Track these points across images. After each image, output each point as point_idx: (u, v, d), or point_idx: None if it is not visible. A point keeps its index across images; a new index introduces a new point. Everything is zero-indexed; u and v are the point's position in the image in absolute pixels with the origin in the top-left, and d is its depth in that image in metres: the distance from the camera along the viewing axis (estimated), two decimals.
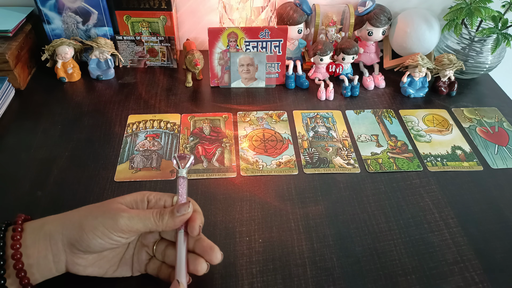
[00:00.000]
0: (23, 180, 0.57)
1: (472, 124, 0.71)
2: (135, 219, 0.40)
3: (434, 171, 0.62)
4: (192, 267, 0.43)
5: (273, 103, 0.74)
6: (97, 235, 0.39)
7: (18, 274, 0.38)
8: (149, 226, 0.41)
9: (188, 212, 0.42)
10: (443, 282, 0.47)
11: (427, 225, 0.53)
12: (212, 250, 0.43)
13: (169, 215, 0.41)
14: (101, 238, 0.39)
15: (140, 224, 0.40)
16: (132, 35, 0.80)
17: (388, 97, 0.77)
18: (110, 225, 0.39)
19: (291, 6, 0.79)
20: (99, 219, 0.39)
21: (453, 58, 0.75)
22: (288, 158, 0.63)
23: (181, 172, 0.46)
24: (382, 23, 0.80)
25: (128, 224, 0.40)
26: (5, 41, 0.72)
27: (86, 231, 0.39)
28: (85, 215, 0.40)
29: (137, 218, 0.40)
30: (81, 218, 0.40)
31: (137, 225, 0.40)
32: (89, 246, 0.39)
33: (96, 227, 0.39)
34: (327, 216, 0.54)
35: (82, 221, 0.40)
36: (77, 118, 0.69)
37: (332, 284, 0.46)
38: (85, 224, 0.39)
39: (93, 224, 0.39)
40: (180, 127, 0.68)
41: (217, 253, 0.43)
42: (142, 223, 0.41)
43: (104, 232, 0.39)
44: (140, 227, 0.41)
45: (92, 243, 0.39)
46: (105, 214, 0.40)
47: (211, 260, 0.43)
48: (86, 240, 0.39)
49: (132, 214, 0.40)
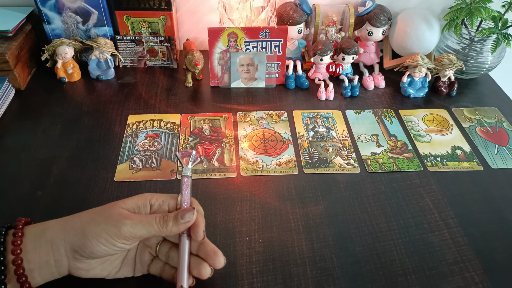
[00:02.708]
0: (23, 180, 0.57)
1: (472, 124, 0.71)
2: (138, 226, 0.40)
3: (434, 171, 0.62)
4: (196, 271, 0.42)
5: (273, 103, 0.74)
6: (101, 242, 0.39)
7: (19, 279, 0.38)
8: (153, 232, 0.41)
9: (192, 219, 0.42)
10: (443, 282, 0.47)
11: (427, 225, 0.53)
12: (216, 255, 0.43)
13: (173, 222, 0.41)
14: (105, 245, 0.39)
15: (144, 230, 0.40)
16: (132, 35, 0.80)
17: (388, 97, 0.77)
18: (113, 232, 0.39)
19: (291, 6, 0.79)
20: (101, 225, 0.39)
21: (453, 58, 0.75)
22: (288, 158, 0.63)
23: (185, 170, 0.45)
24: (382, 23, 0.80)
25: (131, 231, 0.39)
26: (5, 41, 0.72)
27: (89, 238, 0.39)
28: (88, 222, 0.40)
29: (140, 225, 0.40)
30: (84, 224, 0.40)
31: (140, 231, 0.40)
32: (92, 253, 0.39)
33: (99, 234, 0.39)
34: (327, 216, 0.54)
35: (84, 228, 0.39)
36: (77, 118, 0.69)
37: (332, 284, 0.46)
38: (88, 231, 0.39)
39: (96, 231, 0.39)
40: (180, 127, 0.68)
41: (220, 257, 0.43)
42: (146, 229, 0.40)
43: (107, 239, 0.39)
44: (144, 234, 0.40)
45: (96, 249, 0.39)
46: (108, 221, 0.39)
47: (214, 264, 0.43)
48: (90, 247, 0.39)
49: (135, 221, 0.40)
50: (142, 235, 0.40)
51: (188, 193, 0.44)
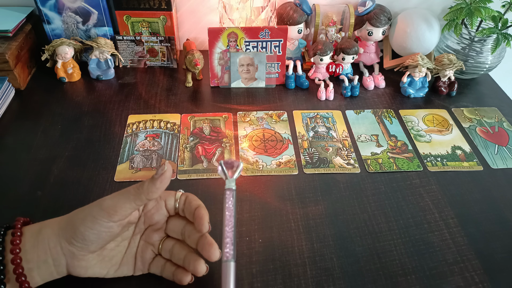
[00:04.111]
0: (23, 180, 0.57)
1: (472, 124, 0.71)
2: (117, 196, 0.40)
3: (434, 171, 0.62)
4: (192, 268, 0.43)
5: (273, 103, 0.74)
6: (87, 225, 0.39)
7: (18, 279, 0.38)
8: (131, 197, 0.40)
9: (166, 170, 0.40)
10: (443, 282, 0.47)
11: (427, 225, 0.53)
12: (211, 247, 0.42)
13: (148, 181, 0.40)
14: (92, 227, 0.39)
15: (123, 199, 0.40)
16: (132, 35, 0.80)
17: (388, 97, 0.77)
18: (96, 212, 0.39)
19: (291, 6, 0.79)
20: (86, 210, 0.40)
21: (453, 58, 0.75)
22: (288, 158, 0.63)
23: (228, 183, 0.42)
24: (382, 23, 0.80)
25: (111, 204, 0.40)
26: (5, 41, 0.72)
27: (77, 225, 0.39)
28: (76, 212, 0.41)
29: (118, 195, 0.40)
30: (72, 215, 0.41)
31: (120, 201, 0.40)
32: (84, 240, 0.39)
33: (85, 217, 0.40)
34: (327, 216, 0.54)
35: (72, 218, 0.41)
36: (77, 118, 0.69)
37: (332, 284, 0.46)
38: (75, 219, 0.40)
39: (81, 216, 0.40)
40: (180, 127, 0.68)
41: (216, 250, 0.42)
42: (124, 197, 0.40)
43: (92, 220, 0.39)
44: (124, 203, 0.40)
45: (86, 235, 0.39)
46: (92, 205, 0.40)
47: (209, 257, 0.42)
48: (80, 234, 0.39)
49: (114, 194, 0.40)
50: (122, 205, 0.40)
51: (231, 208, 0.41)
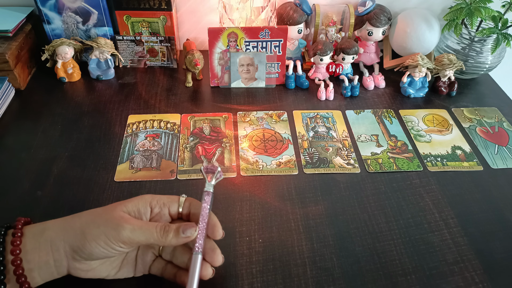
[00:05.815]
0: (23, 180, 0.57)
1: (472, 124, 0.71)
2: (138, 232, 0.39)
3: (434, 171, 0.62)
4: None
5: (273, 103, 0.74)
6: (99, 244, 0.39)
7: (19, 279, 0.38)
8: (151, 240, 0.40)
9: (193, 235, 0.41)
10: (443, 282, 0.47)
11: (427, 225, 0.53)
12: (214, 252, 0.43)
13: (173, 234, 0.40)
14: (103, 247, 0.39)
15: (142, 237, 0.40)
16: (132, 35, 0.80)
17: (388, 97, 0.77)
18: (113, 236, 0.39)
19: (291, 6, 0.79)
20: (101, 228, 0.39)
21: (453, 58, 0.75)
22: (288, 158, 0.63)
23: (207, 186, 0.44)
24: (382, 23, 0.80)
25: (130, 237, 0.39)
26: (5, 41, 0.72)
27: (88, 239, 0.39)
28: (87, 223, 0.40)
29: (140, 231, 0.40)
30: (83, 225, 0.40)
31: (139, 238, 0.40)
32: (91, 254, 0.39)
33: (98, 236, 0.39)
34: (327, 216, 0.54)
35: (84, 229, 0.39)
36: (77, 118, 0.69)
37: (332, 284, 0.46)
38: (87, 232, 0.39)
39: (95, 234, 0.39)
40: (180, 127, 0.68)
41: (219, 255, 0.43)
42: (145, 236, 0.40)
43: (106, 242, 0.39)
44: (142, 240, 0.40)
45: (95, 251, 0.39)
46: (108, 224, 0.39)
47: (212, 262, 0.43)
48: (89, 249, 0.39)
49: (135, 226, 0.39)
50: (140, 241, 0.40)
51: (207, 210, 0.43)
